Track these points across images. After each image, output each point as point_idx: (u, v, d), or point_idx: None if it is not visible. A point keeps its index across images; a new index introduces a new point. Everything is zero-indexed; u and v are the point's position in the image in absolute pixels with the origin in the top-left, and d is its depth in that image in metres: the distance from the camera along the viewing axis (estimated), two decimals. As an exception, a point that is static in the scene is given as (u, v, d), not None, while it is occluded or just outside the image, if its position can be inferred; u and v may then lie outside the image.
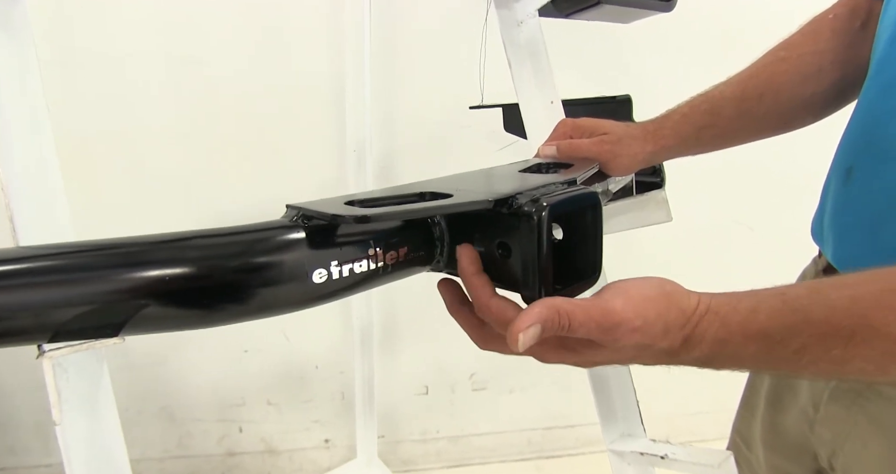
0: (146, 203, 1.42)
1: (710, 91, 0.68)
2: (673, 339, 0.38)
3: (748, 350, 0.37)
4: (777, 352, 0.37)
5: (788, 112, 0.67)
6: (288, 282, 0.36)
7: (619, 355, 0.39)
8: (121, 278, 0.33)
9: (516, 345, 0.36)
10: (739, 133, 0.68)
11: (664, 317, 0.37)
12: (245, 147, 1.44)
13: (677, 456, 0.71)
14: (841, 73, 0.65)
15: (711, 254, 1.66)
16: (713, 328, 0.37)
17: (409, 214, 0.38)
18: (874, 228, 0.52)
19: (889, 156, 0.50)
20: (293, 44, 1.41)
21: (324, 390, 1.64)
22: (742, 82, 0.67)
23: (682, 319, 0.38)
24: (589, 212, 0.41)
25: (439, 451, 1.75)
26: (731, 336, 0.37)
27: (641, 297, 0.38)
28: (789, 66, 0.66)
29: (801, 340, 0.36)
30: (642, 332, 0.37)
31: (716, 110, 0.66)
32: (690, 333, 0.38)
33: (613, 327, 0.37)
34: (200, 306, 0.35)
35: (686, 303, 0.38)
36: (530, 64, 0.73)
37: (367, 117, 1.20)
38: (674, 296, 0.39)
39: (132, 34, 1.36)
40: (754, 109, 0.66)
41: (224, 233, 0.36)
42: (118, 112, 1.38)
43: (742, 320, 0.37)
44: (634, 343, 0.37)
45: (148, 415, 1.58)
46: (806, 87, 0.65)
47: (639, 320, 0.37)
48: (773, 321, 0.37)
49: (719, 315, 0.38)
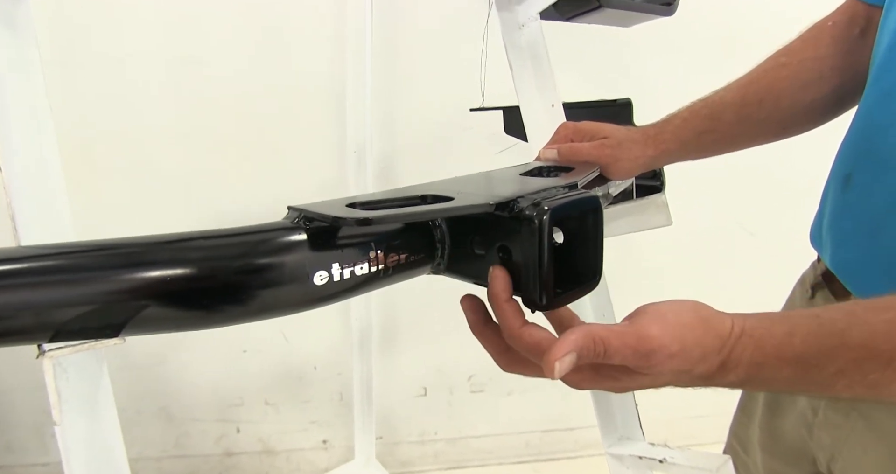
0: (147, 203, 1.42)
1: (711, 96, 0.68)
2: (710, 364, 0.37)
3: (783, 373, 0.37)
4: (813, 376, 0.37)
5: (788, 118, 0.67)
6: (289, 283, 0.36)
7: (656, 381, 0.38)
8: (122, 278, 0.33)
9: (552, 374, 0.35)
10: (739, 138, 0.68)
11: (701, 342, 0.37)
12: (245, 147, 1.44)
13: (675, 459, 0.71)
14: (840, 80, 0.65)
15: (711, 259, 1.66)
16: (748, 351, 0.37)
17: (411, 217, 0.38)
18: (872, 234, 0.52)
19: (888, 164, 0.50)
20: (294, 44, 1.41)
21: (322, 391, 1.64)
22: (742, 88, 0.67)
23: (718, 344, 0.37)
24: (590, 216, 0.41)
25: (437, 453, 1.75)
26: (767, 359, 0.37)
27: (678, 323, 0.37)
28: (789, 72, 0.66)
29: (839, 365, 0.36)
30: (680, 358, 0.36)
31: (716, 115, 0.66)
32: (727, 358, 0.37)
33: (650, 353, 0.36)
34: (201, 307, 0.35)
35: (722, 328, 0.37)
36: (531, 67, 0.74)
37: (368, 118, 1.20)
38: (710, 320, 0.38)
39: (133, 34, 1.36)
40: (754, 115, 0.66)
41: (225, 234, 0.36)
42: (119, 112, 1.38)
43: (778, 344, 0.37)
44: (672, 369, 0.37)
45: (146, 415, 1.58)
46: (806, 94, 0.65)
47: (676, 345, 0.36)
48: (810, 345, 0.36)
49: (754, 338, 0.37)
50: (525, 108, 0.75)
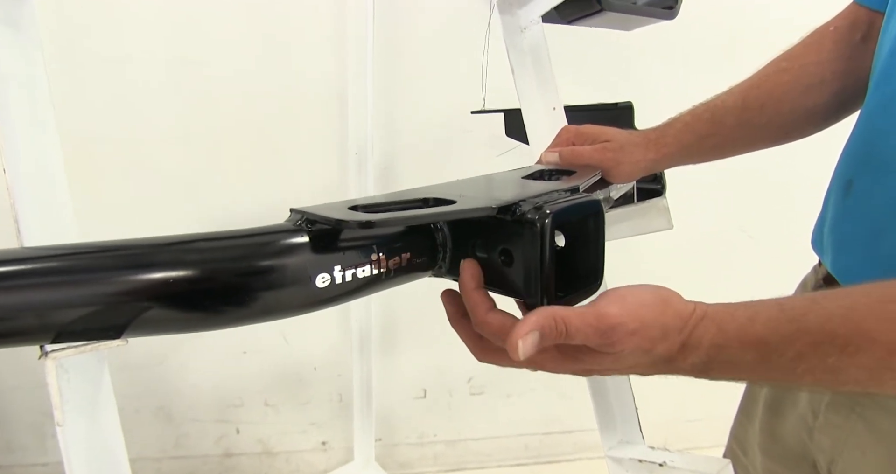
0: (148, 204, 1.42)
1: (712, 100, 0.68)
2: (671, 343, 0.38)
3: (744, 357, 0.38)
4: (773, 361, 0.37)
5: (790, 122, 0.67)
6: (291, 286, 0.36)
7: (619, 363, 0.39)
8: (125, 280, 0.33)
9: (516, 353, 0.36)
10: (740, 142, 0.68)
11: (661, 320, 0.38)
12: (246, 148, 1.44)
13: (675, 463, 0.71)
14: (842, 85, 0.65)
15: (712, 263, 1.66)
16: (710, 334, 0.38)
17: (413, 220, 0.39)
18: (873, 240, 0.52)
19: (890, 170, 0.50)
20: (295, 45, 1.41)
21: (322, 392, 1.64)
22: (744, 92, 0.67)
23: (678, 323, 0.38)
24: (591, 219, 0.41)
25: (436, 455, 1.75)
26: (728, 342, 0.38)
27: (638, 302, 0.38)
28: (791, 77, 0.66)
29: (797, 348, 0.37)
30: (640, 336, 0.37)
31: (717, 119, 0.66)
32: (687, 339, 0.38)
33: (609, 330, 0.37)
34: (204, 309, 0.35)
35: (682, 308, 0.39)
36: (533, 70, 0.74)
37: (369, 120, 1.20)
38: (670, 300, 0.39)
39: (134, 35, 1.36)
40: (755, 119, 0.66)
41: (228, 236, 0.36)
42: (120, 113, 1.38)
43: (739, 327, 0.38)
44: (633, 347, 0.38)
45: (145, 415, 1.57)
46: (808, 98, 0.66)
47: (635, 323, 0.37)
48: (770, 329, 0.37)
49: (716, 321, 0.38)
50: (526, 111, 0.75)
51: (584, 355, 0.39)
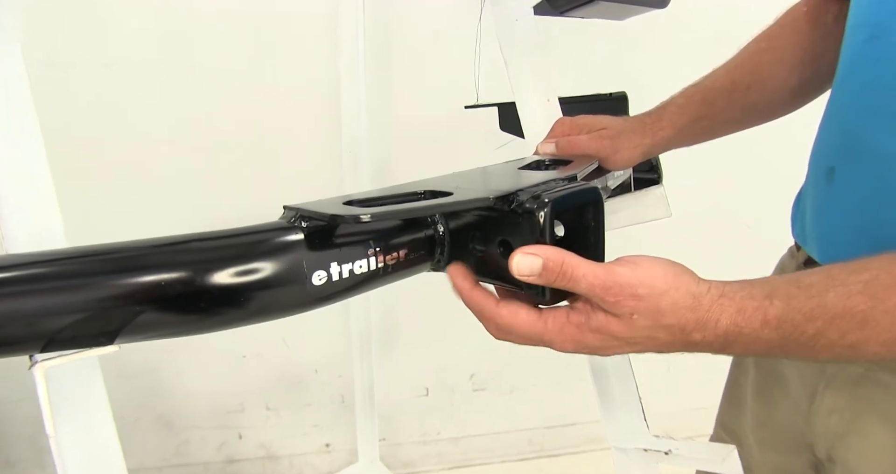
0: (139, 207, 1.41)
1: (702, 82, 0.69)
2: (682, 319, 0.38)
3: (764, 334, 0.37)
4: (793, 338, 0.37)
5: (776, 99, 0.69)
6: (287, 284, 0.36)
7: (633, 331, 0.38)
8: (115, 284, 0.32)
9: (513, 268, 0.37)
10: (731, 122, 0.69)
11: (671, 294, 0.38)
12: (238, 149, 1.43)
13: (681, 451, 0.70)
14: (819, 64, 0.66)
15: (706, 251, 1.65)
16: (728, 312, 0.38)
17: (410, 213, 0.38)
18: (862, 228, 0.52)
19: (876, 154, 0.49)
20: (286, 45, 1.40)
21: (323, 394, 1.63)
22: (730, 73, 0.69)
23: (690, 300, 0.38)
24: (590, 207, 0.41)
25: (440, 453, 1.74)
26: (748, 322, 0.37)
27: (650, 270, 0.38)
28: (773, 57, 0.67)
29: (817, 325, 0.37)
30: (647, 302, 0.37)
31: (709, 101, 0.67)
32: (704, 317, 0.38)
33: (616, 286, 0.37)
34: (198, 311, 0.34)
35: (696, 287, 0.38)
36: (527, 62, 0.73)
37: (363, 117, 1.19)
38: (683, 276, 0.39)
39: (125, 39, 1.35)
40: (744, 99, 0.67)
41: (221, 235, 0.35)
42: (111, 117, 1.36)
43: (758, 306, 0.37)
44: (641, 313, 0.37)
45: (145, 423, 1.56)
46: (791, 77, 0.67)
47: (644, 289, 0.37)
48: (790, 306, 0.37)
49: (734, 300, 0.38)
50: (521, 104, 0.74)
51: (596, 321, 0.38)
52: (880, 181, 0.49)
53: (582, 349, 0.40)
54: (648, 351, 0.40)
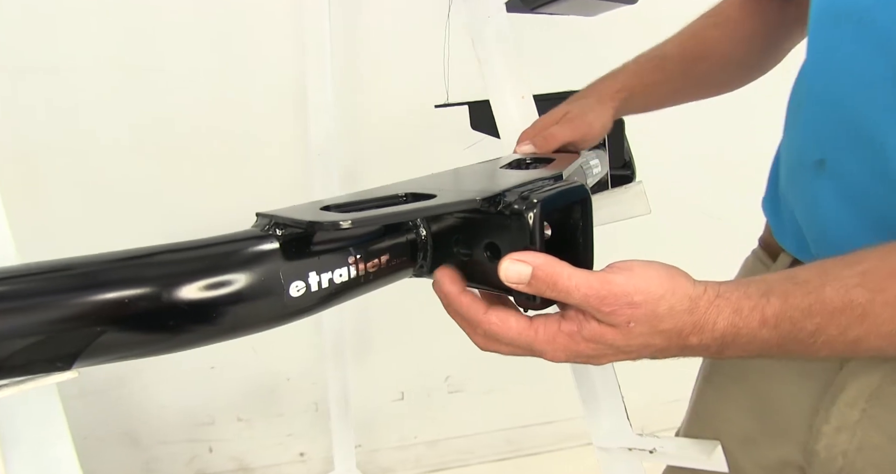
0: (100, 218, 1.35)
1: (653, 51, 0.71)
2: (679, 323, 0.37)
3: (762, 334, 0.37)
4: (792, 335, 0.36)
5: (727, 72, 0.70)
6: (263, 297, 0.33)
7: (629, 340, 0.37)
8: (73, 303, 0.29)
9: (501, 272, 0.36)
10: (686, 90, 0.71)
11: (668, 299, 0.36)
12: (204, 156, 1.39)
13: (666, 449, 0.70)
14: (768, 38, 0.68)
15: (678, 248, 1.67)
16: (724, 313, 0.37)
17: (393, 218, 0.36)
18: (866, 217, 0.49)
19: (874, 143, 0.47)
20: (250, 45, 1.36)
21: (296, 402, 1.60)
22: (682, 43, 0.70)
23: (687, 303, 0.37)
24: (579, 207, 0.39)
25: (418, 457, 1.73)
26: (746, 322, 0.37)
27: (645, 276, 0.37)
28: (721, 32, 0.69)
29: (816, 322, 0.36)
30: (644, 309, 0.36)
31: (661, 66, 0.69)
32: (701, 320, 0.37)
33: (610, 296, 0.36)
34: (167, 330, 0.31)
35: (692, 290, 0.37)
36: (500, 59, 0.71)
37: (331, 119, 1.16)
38: (679, 280, 0.38)
39: (79, 42, 1.29)
40: (694, 69, 0.69)
41: (190, 246, 0.32)
42: (66, 124, 1.31)
43: (754, 306, 0.37)
44: (637, 321, 0.36)
45: (110, 443, 1.51)
46: (739, 50, 0.68)
47: (639, 296, 0.36)
48: (787, 304, 0.36)
49: (731, 301, 0.37)
50: (495, 101, 0.72)
51: (589, 330, 0.37)
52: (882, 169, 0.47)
53: (575, 358, 0.39)
54: (643, 358, 0.39)
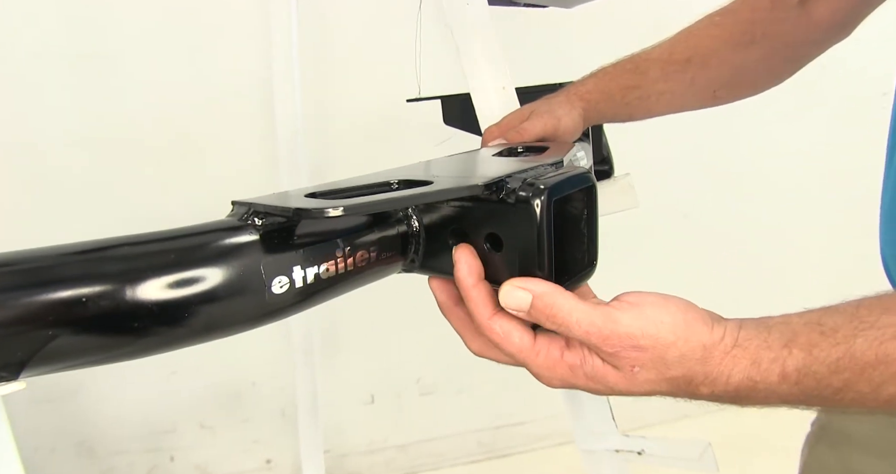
0: (53, 215, 1.28)
1: (638, 52, 0.67)
2: (690, 372, 0.34)
3: (781, 390, 0.33)
4: (816, 392, 0.33)
5: (715, 79, 0.66)
6: (242, 294, 0.30)
7: (632, 386, 0.34)
8: (20, 303, 0.25)
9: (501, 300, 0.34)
10: (666, 97, 0.66)
11: (680, 346, 0.33)
12: (164, 149, 1.33)
13: (654, 450, 0.68)
14: (771, 47, 0.65)
15: (655, 250, 1.68)
16: (741, 365, 0.33)
17: (389, 204, 0.33)
18: None
19: None
20: (213, 34, 1.31)
21: (262, 407, 1.55)
22: (671, 45, 0.67)
23: (700, 353, 0.33)
24: (585, 194, 0.37)
25: (388, 461, 1.69)
26: (763, 375, 0.33)
27: (657, 319, 0.34)
28: (721, 32, 0.65)
29: (845, 377, 0.32)
30: (650, 354, 0.33)
31: (641, 70, 0.65)
32: (714, 371, 0.34)
33: (614, 337, 0.33)
34: (130, 332, 0.28)
35: (708, 338, 0.34)
36: (480, 48, 0.69)
37: (298, 113, 1.12)
38: (695, 324, 0.34)
39: (30, 31, 1.22)
40: (680, 74, 0.65)
41: (157, 238, 0.29)
42: (16, 116, 1.24)
43: (775, 357, 0.33)
44: (643, 362, 0.33)
45: (64, 454, 1.43)
46: (735, 55, 0.65)
47: (647, 340, 0.33)
48: (812, 356, 0.32)
49: (748, 350, 0.33)
50: (475, 92, 0.70)
51: (591, 367, 0.35)
52: None
53: (569, 387, 0.37)
54: (644, 395, 0.36)
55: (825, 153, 1.71)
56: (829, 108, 1.67)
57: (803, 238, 1.77)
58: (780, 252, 1.76)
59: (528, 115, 0.60)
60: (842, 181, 1.65)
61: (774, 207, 1.74)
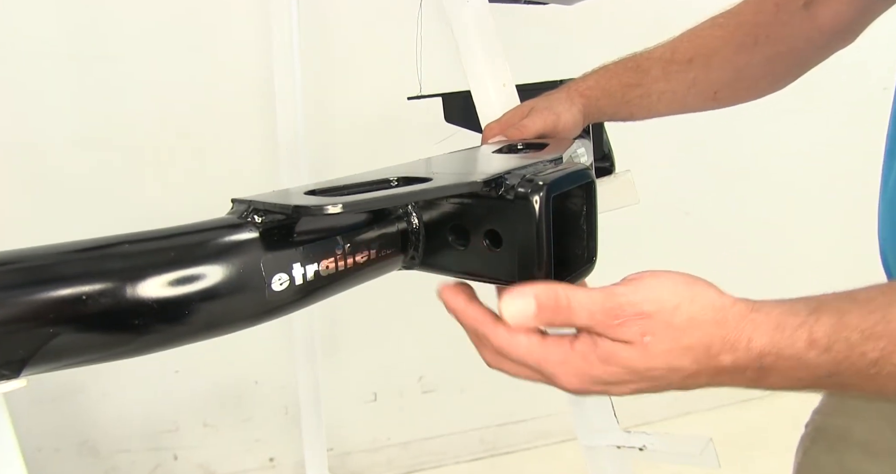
0: (54, 215, 1.28)
1: (640, 51, 0.67)
2: (706, 336, 0.32)
3: (810, 358, 0.31)
4: (849, 362, 0.30)
5: (717, 80, 0.66)
6: (242, 292, 0.30)
7: (650, 360, 0.32)
8: (21, 301, 0.25)
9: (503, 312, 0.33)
10: (667, 97, 0.66)
11: (686, 307, 0.32)
12: (165, 149, 1.33)
13: (656, 446, 0.68)
14: (775, 50, 0.64)
15: (655, 246, 1.68)
16: (763, 329, 0.31)
17: (389, 201, 0.33)
18: None
19: None
20: (213, 33, 1.31)
21: (265, 406, 1.55)
22: (674, 44, 0.66)
23: (712, 313, 0.32)
24: (584, 191, 0.37)
25: (391, 459, 1.70)
26: (790, 340, 0.31)
27: (653, 283, 0.33)
28: (724, 33, 0.65)
29: (881, 345, 0.30)
30: (657, 318, 0.32)
31: (643, 69, 0.65)
32: (732, 334, 0.32)
33: (616, 307, 0.32)
34: (131, 330, 0.28)
35: (718, 300, 0.33)
36: (480, 45, 0.69)
37: (299, 112, 1.12)
38: (697, 285, 0.33)
39: (32, 30, 1.22)
40: (682, 74, 0.65)
41: (158, 236, 0.29)
42: (17, 117, 1.24)
43: (802, 322, 0.31)
44: (651, 330, 0.32)
45: (67, 453, 1.43)
46: (738, 57, 0.65)
47: (649, 304, 0.32)
48: (842, 322, 0.31)
49: (771, 315, 0.32)
50: (476, 90, 0.70)
51: (604, 348, 0.33)
52: None
53: (591, 385, 0.34)
54: (673, 387, 0.34)
55: (827, 152, 1.71)
56: (832, 107, 1.67)
57: (805, 236, 1.77)
58: (781, 250, 1.76)
59: (528, 111, 0.60)
60: (844, 180, 1.65)
61: (776, 206, 1.74)
